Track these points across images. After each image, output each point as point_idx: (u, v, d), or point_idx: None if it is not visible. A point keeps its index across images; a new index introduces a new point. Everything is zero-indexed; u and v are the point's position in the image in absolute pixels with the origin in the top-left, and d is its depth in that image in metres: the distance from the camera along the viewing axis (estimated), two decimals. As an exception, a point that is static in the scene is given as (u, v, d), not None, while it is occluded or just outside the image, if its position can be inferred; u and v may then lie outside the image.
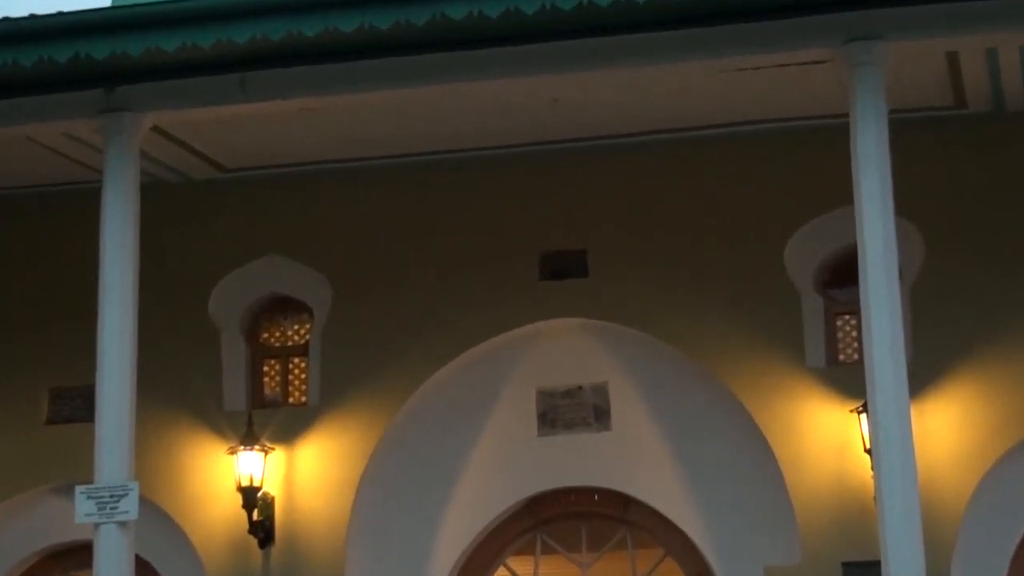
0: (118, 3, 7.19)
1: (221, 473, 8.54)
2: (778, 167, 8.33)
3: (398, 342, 8.52)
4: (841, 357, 8.35)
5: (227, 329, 8.87)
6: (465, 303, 8.47)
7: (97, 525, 6.56)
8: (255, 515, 8.35)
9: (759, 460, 8.13)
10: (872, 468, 6.51)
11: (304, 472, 8.53)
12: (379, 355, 8.52)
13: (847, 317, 8.31)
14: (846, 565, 7.72)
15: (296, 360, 8.92)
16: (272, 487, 8.48)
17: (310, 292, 8.79)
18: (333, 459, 8.49)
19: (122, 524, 6.52)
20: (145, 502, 7.23)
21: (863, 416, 7.70)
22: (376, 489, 8.46)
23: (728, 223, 8.35)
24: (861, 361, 6.65)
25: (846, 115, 6.57)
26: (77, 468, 7.71)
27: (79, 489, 6.65)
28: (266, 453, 8.44)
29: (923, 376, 7.69)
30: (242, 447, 8.41)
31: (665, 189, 8.45)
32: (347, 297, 8.65)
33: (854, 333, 8.27)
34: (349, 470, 8.45)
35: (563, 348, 8.53)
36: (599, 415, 8.48)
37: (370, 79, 6.83)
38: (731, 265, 8.28)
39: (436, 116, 7.95)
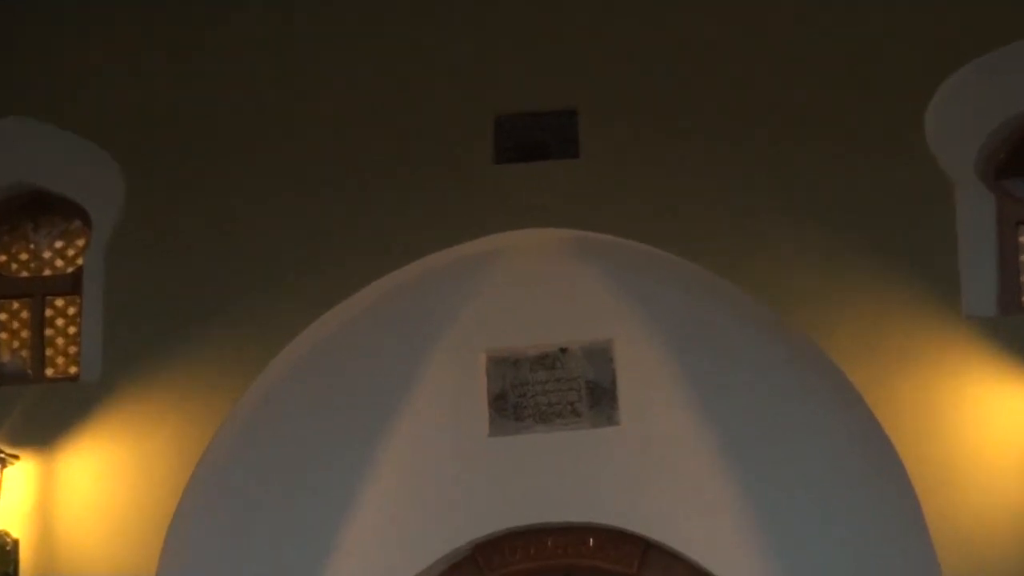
0: None
1: (-80, 499, 8.05)
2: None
3: (246, 271, 8.17)
4: (1025, 299, 8.08)
5: (-70, 249, 8.69)
6: (364, 204, 8.14)
7: None
8: (-15, 570, 8.05)
9: (879, 478, 7.74)
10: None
11: (74, 497, 8.17)
12: (211, 294, 8.18)
13: (1038, 229, 8.10)
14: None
15: (59, 302, 8.64)
16: (14, 523, 8.18)
17: (85, 183, 8.52)
18: (127, 474, 8.08)
19: None
20: None
21: (1066, 401, 7.51)
22: (205, 526, 8.07)
23: (827, 67, 8.07)
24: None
25: None
26: None
27: None
28: (3, 465, 8.11)
29: None
30: (-43, 455, 8.05)
31: (715, 4, 8.20)
32: (152, 192, 8.32)
33: (1050, 257, 8.10)
34: (156, 493, 8.00)
35: (534, 282, 8.23)
36: (597, 399, 8.18)
37: None
38: (831, 140, 7.95)
39: None
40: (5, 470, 8.00)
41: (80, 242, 8.58)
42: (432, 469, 8.18)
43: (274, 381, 8.05)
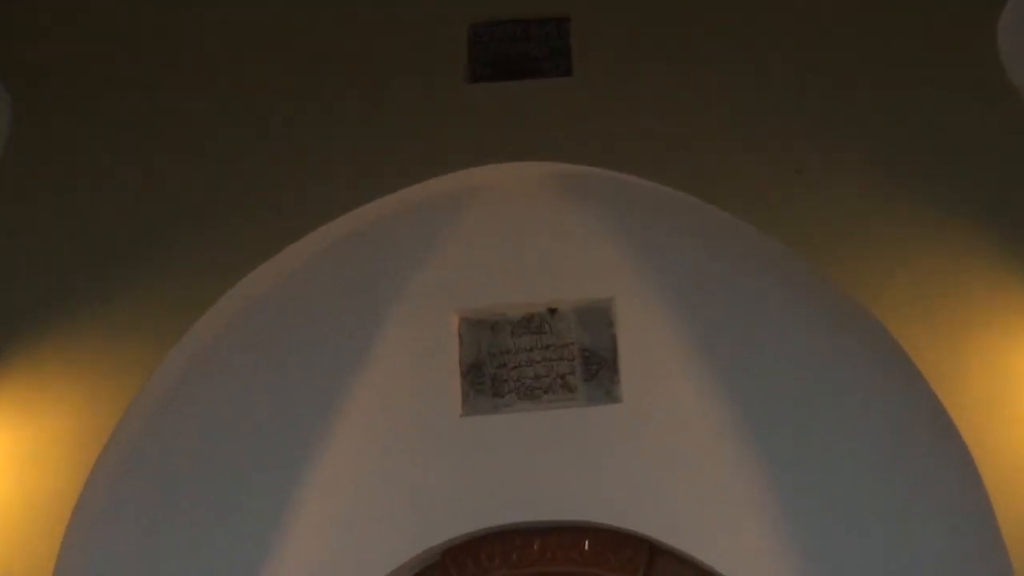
0: None
1: None
2: None
3: (162, 217, 7.75)
4: None
5: None
6: (307, 135, 7.79)
7: None
8: None
9: (938, 469, 7.39)
10: None
11: (-56, 494, 7.68)
12: (119, 244, 7.73)
13: None
14: None
15: (-70, 254, 8.10)
16: None
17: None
18: (15, 465, 7.61)
19: None
20: None
21: None
22: (114, 525, 7.66)
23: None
24: None
25: None
26: None
27: None
28: None
29: None
30: None
31: None
32: (45, 119, 7.90)
33: None
34: (52, 487, 7.53)
35: (517, 227, 7.96)
36: (594, 370, 7.87)
37: None
38: (881, 60, 7.64)
39: None
40: None
41: (-42, 183, 8.05)
42: (391, 457, 7.74)
43: (196, 350, 7.65)
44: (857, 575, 7.58)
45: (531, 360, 7.79)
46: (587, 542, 7.70)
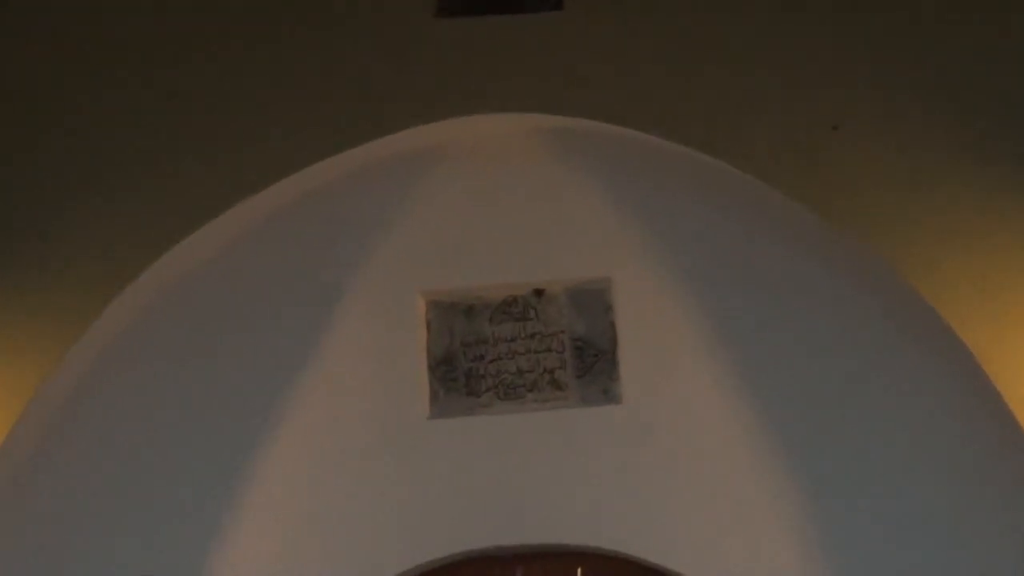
0: None
1: None
2: None
3: (74, 183, 7.21)
4: None
5: None
6: (246, 81, 7.25)
7: None
8: None
9: (998, 477, 6.98)
10: None
11: None
12: (20, 216, 7.18)
13: None
14: None
15: None
16: None
17: None
18: None
19: None
20: None
21: None
22: (7, 549, 7.24)
23: None
24: None
25: None
26: None
27: None
28: None
29: None
30: None
31: None
32: None
33: None
34: None
35: (496, 192, 7.58)
36: (589, 364, 7.52)
37: None
38: None
39: None
40: None
41: None
42: (345, 466, 7.30)
43: (112, 335, 7.10)
44: None
45: (513, 352, 7.35)
46: (580, 569, 7.33)
